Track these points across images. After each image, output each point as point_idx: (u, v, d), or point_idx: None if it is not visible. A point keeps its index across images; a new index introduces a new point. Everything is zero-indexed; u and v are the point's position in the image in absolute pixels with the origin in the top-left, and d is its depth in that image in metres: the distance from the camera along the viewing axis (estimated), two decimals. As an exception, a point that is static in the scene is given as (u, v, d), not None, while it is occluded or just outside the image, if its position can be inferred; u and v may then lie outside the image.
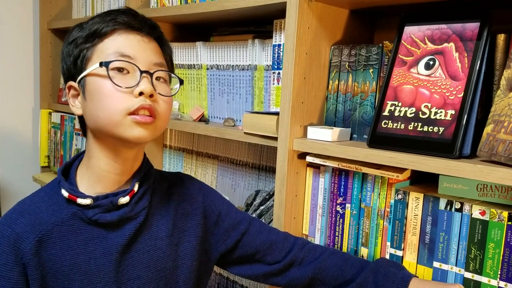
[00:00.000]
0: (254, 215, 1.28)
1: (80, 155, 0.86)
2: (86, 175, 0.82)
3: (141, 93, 0.75)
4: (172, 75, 0.84)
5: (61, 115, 2.05)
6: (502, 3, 0.91)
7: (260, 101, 1.26)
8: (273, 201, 1.12)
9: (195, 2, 1.32)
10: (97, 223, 0.79)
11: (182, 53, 1.46)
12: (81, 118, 0.83)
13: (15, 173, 2.14)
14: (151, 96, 0.76)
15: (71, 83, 0.80)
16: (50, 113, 2.14)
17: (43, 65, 2.12)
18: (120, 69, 0.76)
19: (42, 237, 0.77)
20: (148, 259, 0.82)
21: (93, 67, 0.76)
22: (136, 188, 0.82)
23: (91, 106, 0.77)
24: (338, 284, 0.90)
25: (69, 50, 0.80)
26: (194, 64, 1.43)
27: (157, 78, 0.79)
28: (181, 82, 0.86)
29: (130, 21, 0.78)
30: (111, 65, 0.75)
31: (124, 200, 0.80)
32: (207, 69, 1.39)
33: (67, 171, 0.84)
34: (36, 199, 0.81)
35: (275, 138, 1.09)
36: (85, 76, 0.77)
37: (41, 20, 2.10)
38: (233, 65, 1.32)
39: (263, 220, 1.26)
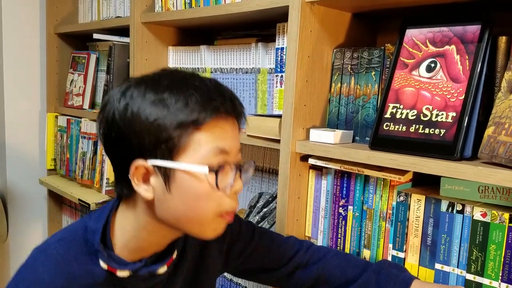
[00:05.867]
0: (257, 217, 1.29)
1: (108, 215, 0.76)
2: (125, 241, 0.75)
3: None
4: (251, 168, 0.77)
5: (67, 119, 2.07)
6: (503, 6, 0.92)
7: (264, 104, 1.27)
8: (276, 203, 1.13)
9: (199, 6, 1.34)
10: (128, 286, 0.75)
11: (186, 57, 1.47)
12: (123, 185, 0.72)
13: (21, 176, 2.16)
14: None
15: (142, 162, 0.67)
16: (56, 117, 2.15)
17: (49, 69, 2.14)
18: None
19: None
20: None
21: (196, 168, 0.66)
22: (174, 255, 0.79)
23: (176, 202, 0.68)
24: (340, 284, 0.91)
25: (148, 129, 0.65)
26: (198, 68, 1.44)
27: None
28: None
29: (229, 108, 0.69)
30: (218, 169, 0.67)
31: (162, 270, 0.76)
32: (211, 72, 1.41)
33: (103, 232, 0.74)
34: (66, 254, 0.73)
35: (278, 141, 1.09)
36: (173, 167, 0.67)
37: (47, 25, 2.12)
38: (236, 69, 1.33)
39: (266, 222, 1.26)
